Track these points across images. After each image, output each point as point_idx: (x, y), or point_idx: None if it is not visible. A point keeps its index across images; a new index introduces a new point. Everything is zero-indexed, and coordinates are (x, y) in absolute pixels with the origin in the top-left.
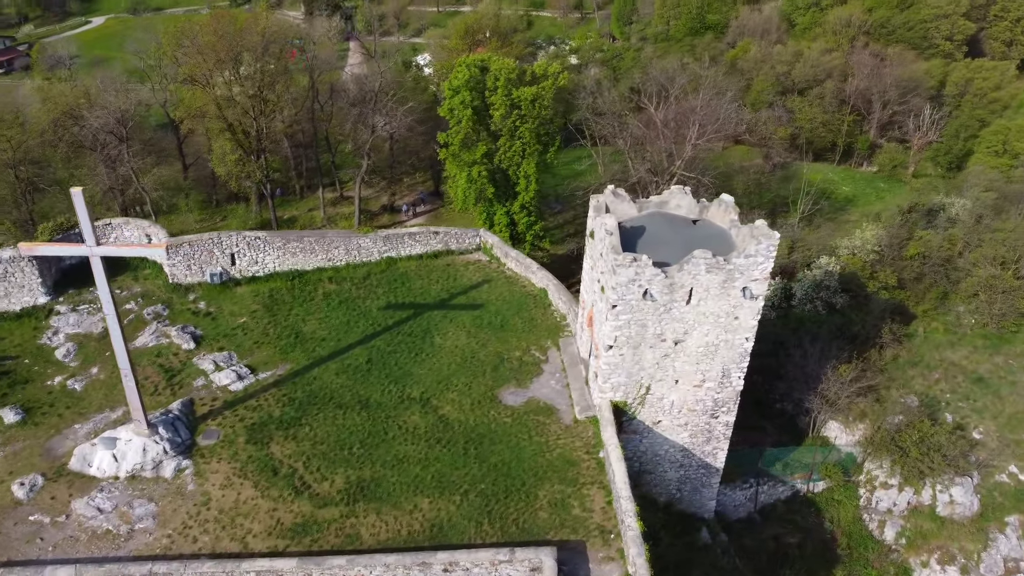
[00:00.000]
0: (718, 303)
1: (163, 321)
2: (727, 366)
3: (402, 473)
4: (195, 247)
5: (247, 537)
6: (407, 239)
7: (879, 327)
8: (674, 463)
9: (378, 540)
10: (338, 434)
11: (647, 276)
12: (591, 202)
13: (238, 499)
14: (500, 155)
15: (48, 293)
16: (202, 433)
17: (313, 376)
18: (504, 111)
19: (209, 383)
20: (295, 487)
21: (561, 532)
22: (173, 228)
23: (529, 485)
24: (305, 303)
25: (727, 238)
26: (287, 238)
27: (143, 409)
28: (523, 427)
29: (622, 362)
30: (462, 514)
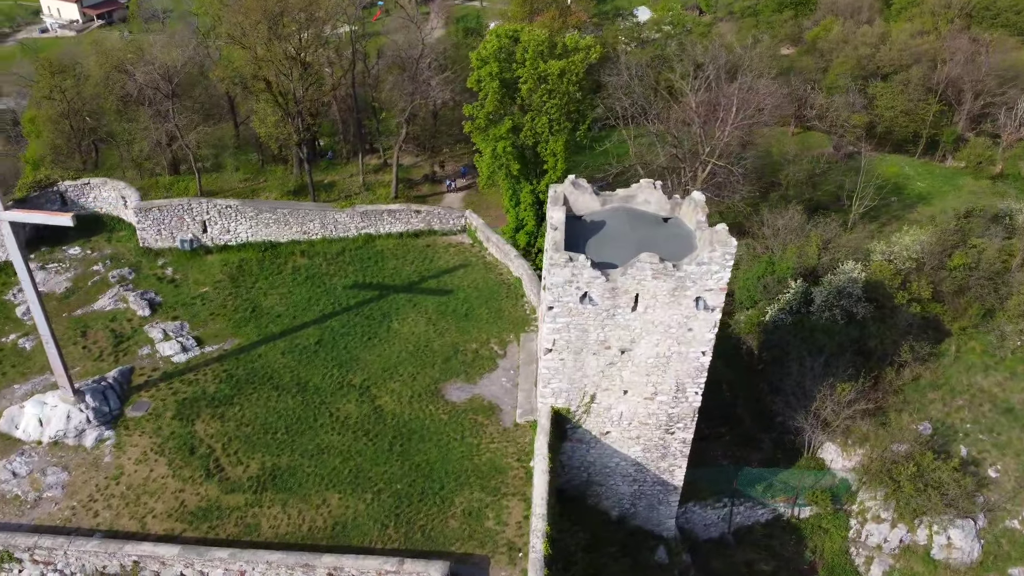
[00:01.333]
0: (668, 312)
1: (127, 285)
2: (681, 380)
3: (320, 464)
4: (165, 212)
5: (147, 517)
6: (386, 216)
7: (899, 343)
8: (626, 477)
9: (276, 534)
10: (266, 417)
11: (585, 278)
12: (550, 192)
13: (149, 476)
14: (526, 131)
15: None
16: (132, 404)
17: (259, 353)
18: (532, 84)
19: (154, 352)
20: (208, 469)
21: (468, 545)
22: (216, 186)
23: (448, 490)
24: (271, 276)
25: (693, 241)
26: (260, 208)
27: (68, 376)
28: (458, 426)
29: (563, 367)
30: (369, 514)
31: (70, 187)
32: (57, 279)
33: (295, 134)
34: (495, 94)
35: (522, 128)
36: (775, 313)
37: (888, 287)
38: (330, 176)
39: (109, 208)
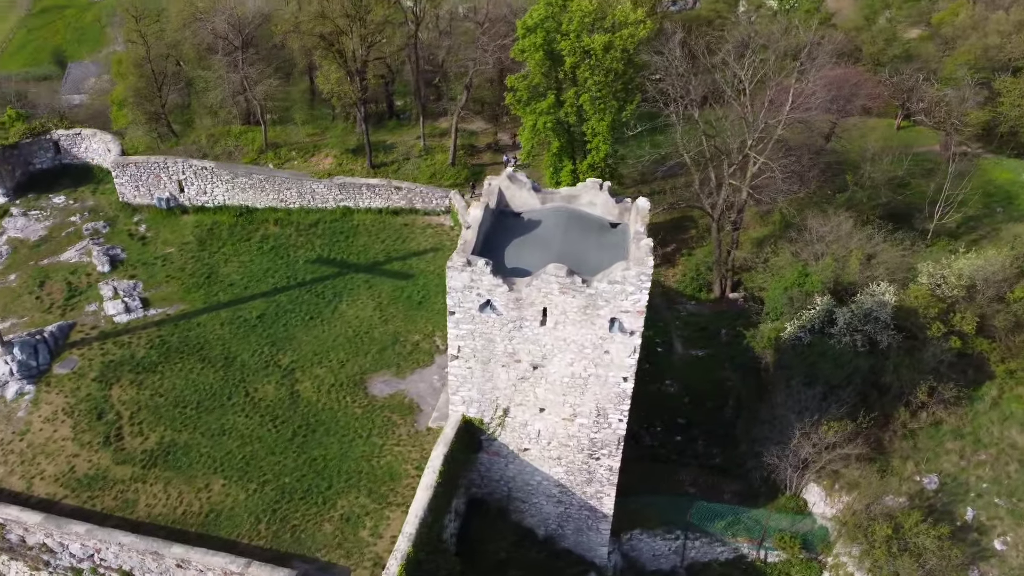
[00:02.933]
0: (581, 331)
1: (97, 239)
2: (602, 405)
3: (216, 446)
4: (141, 168)
5: (36, 478)
6: (365, 191)
7: (917, 381)
8: (551, 497)
9: (149, 513)
10: (183, 389)
11: (485, 285)
12: (484, 184)
13: (51, 437)
14: (567, 107)
15: (7, 195)
16: (62, 361)
17: (198, 322)
18: (576, 59)
19: (100, 310)
20: (107, 436)
21: (334, 553)
22: (281, 139)
23: (334, 491)
24: (238, 243)
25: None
26: (235, 172)
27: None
28: (369, 423)
29: (471, 376)
30: (247, 506)
31: (63, 136)
32: (35, 226)
33: (355, 92)
34: (539, 66)
35: (564, 104)
36: (794, 330)
37: (922, 315)
38: (394, 137)
39: (100, 160)
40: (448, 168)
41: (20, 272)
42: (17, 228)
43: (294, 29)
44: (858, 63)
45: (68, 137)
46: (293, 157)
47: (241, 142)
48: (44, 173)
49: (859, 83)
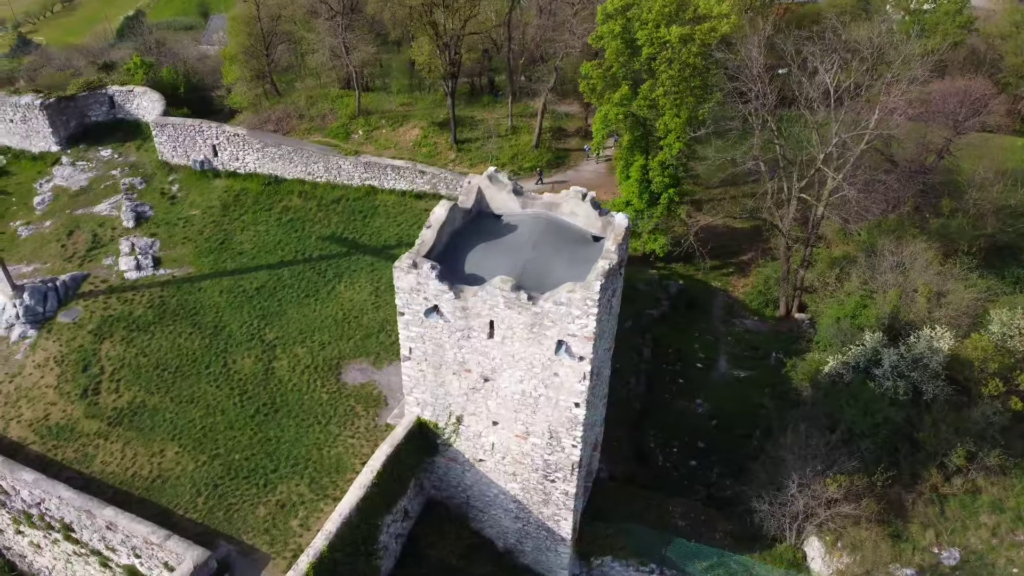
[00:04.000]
0: (528, 349)
1: (131, 194)
2: (554, 427)
3: (180, 413)
4: (179, 130)
5: (13, 420)
6: (390, 171)
7: (957, 442)
8: (508, 512)
9: (103, 471)
10: (167, 352)
11: (431, 290)
12: (464, 183)
13: (37, 383)
14: (640, 100)
15: (60, 143)
16: (67, 310)
17: (200, 287)
18: (653, 50)
19: (114, 264)
20: (85, 390)
21: (259, 539)
22: (373, 105)
23: (278, 475)
24: (259, 212)
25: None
26: (265, 142)
27: (5, 271)
28: (331, 411)
29: (423, 379)
30: (193, 477)
31: (117, 92)
32: (79, 176)
33: (443, 66)
34: (616, 55)
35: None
36: (836, 365)
37: (980, 369)
38: (485, 114)
39: (149, 117)
40: (531, 150)
41: (55, 219)
42: (63, 177)
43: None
44: (996, 74)
45: (122, 93)
46: (382, 125)
47: (336, 106)
48: (99, 126)
49: (983, 97)
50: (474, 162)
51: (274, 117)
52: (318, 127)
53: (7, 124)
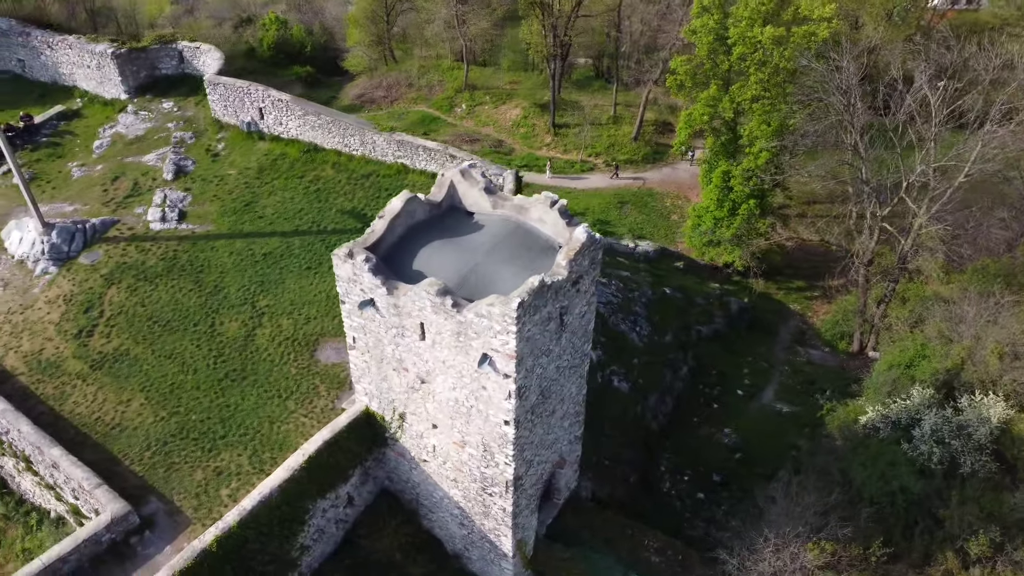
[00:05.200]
0: (458, 357)
1: (178, 147)
2: (487, 441)
3: (157, 366)
4: (229, 90)
5: (12, 351)
6: (422, 152)
7: (980, 528)
8: (454, 517)
9: (72, 411)
10: (163, 306)
11: (366, 283)
12: (439, 176)
13: (43, 318)
14: (726, 101)
15: (128, 92)
16: (90, 252)
17: (212, 246)
18: (745, 49)
19: (143, 214)
20: (81, 330)
21: (189, 502)
22: (480, 81)
23: (225, 442)
24: (290, 178)
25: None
26: (306, 110)
27: (36, 209)
28: (294, 386)
29: (367, 371)
30: (148, 431)
31: (186, 48)
32: (138, 125)
33: (548, 48)
34: (707, 51)
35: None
36: (875, 417)
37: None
38: (590, 100)
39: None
40: (629, 142)
41: (106, 164)
42: (124, 124)
43: None
44: None
45: (189, 49)
46: (485, 101)
47: (446, 78)
48: (167, 79)
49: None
50: (568, 148)
51: (385, 83)
52: (424, 97)
53: (85, 69)
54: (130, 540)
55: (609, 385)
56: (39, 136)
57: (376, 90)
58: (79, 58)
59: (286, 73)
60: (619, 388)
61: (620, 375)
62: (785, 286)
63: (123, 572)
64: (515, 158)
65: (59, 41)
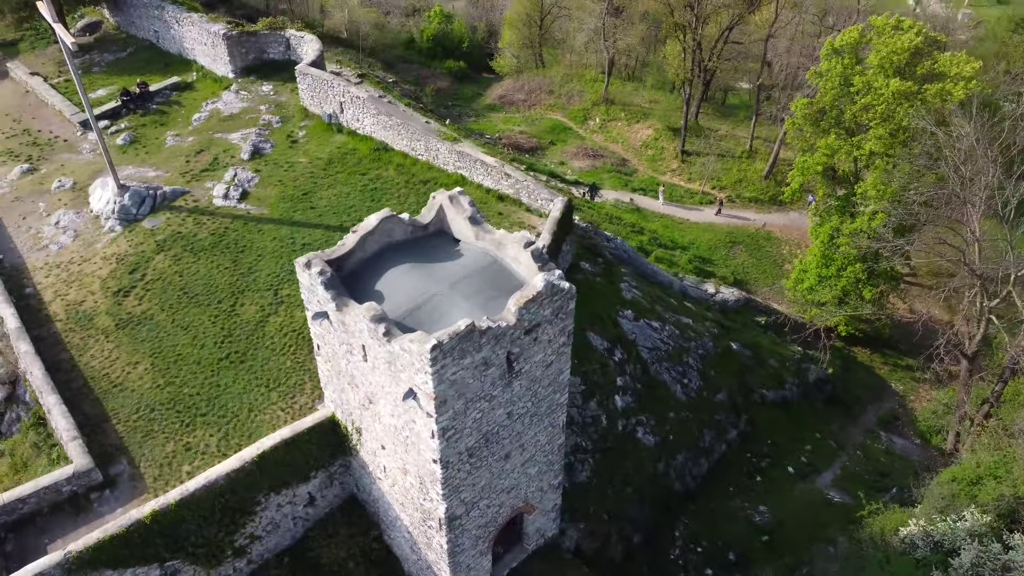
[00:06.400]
0: (392, 386)
1: (263, 130)
2: (421, 474)
3: (172, 336)
4: (315, 81)
5: (60, 298)
6: (479, 166)
7: None
8: (406, 540)
9: (87, 363)
10: (199, 279)
11: (320, 295)
12: (431, 197)
13: (95, 272)
14: (842, 153)
15: (235, 72)
16: (154, 217)
17: (260, 229)
18: (869, 100)
19: (211, 188)
20: (120, 290)
21: (151, 471)
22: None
23: (203, 420)
24: (352, 174)
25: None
26: (380, 109)
27: (113, 170)
28: (283, 379)
29: (330, 379)
30: (141, 396)
31: (292, 36)
32: (235, 104)
33: (684, 71)
34: (831, 96)
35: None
36: (917, 532)
37: None
38: (729, 128)
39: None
40: (759, 180)
41: (197, 137)
42: (224, 102)
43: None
44: None
45: (296, 37)
46: (620, 117)
47: (586, 88)
48: (273, 63)
49: None
50: (692, 177)
51: (527, 87)
52: (562, 105)
53: (203, 47)
54: (90, 495)
55: (631, 435)
56: (151, 103)
57: (517, 93)
58: (199, 35)
59: (439, 66)
60: (642, 440)
61: (648, 427)
62: (892, 361)
63: (75, 524)
64: (635, 180)
65: (184, 17)
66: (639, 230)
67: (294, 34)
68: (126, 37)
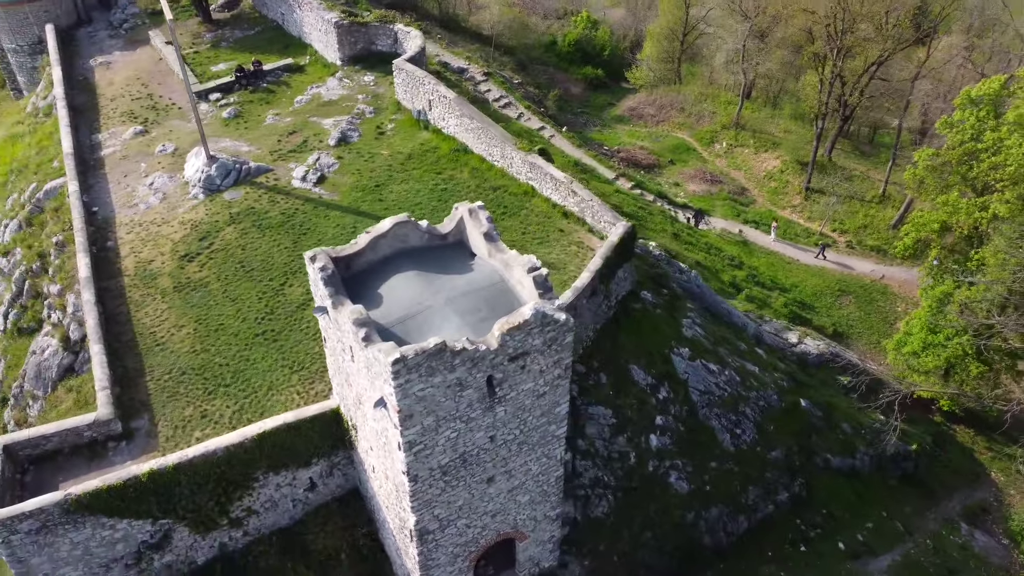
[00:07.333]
0: (371, 391)
1: (355, 119)
2: (396, 484)
3: (220, 306)
4: (409, 77)
5: (134, 254)
6: (548, 180)
7: None
8: (392, 543)
9: (139, 319)
10: (259, 254)
11: (320, 291)
12: (454, 208)
13: (169, 235)
14: (965, 212)
15: (342, 60)
16: (234, 190)
17: (327, 215)
18: (999, 159)
19: (293, 169)
20: (186, 254)
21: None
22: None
23: (225, 392)
24: (427, 173)
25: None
26: (463, 112)
27: (204, 143)
28: (308, 363)
29: (334, 373)
30: (178, 358)
31: (400, 30)
32: (336, 91)
33: (819, 104)
34: (960, 151)
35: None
36: None
37: None
38: (867, 168)
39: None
40: (885, 228)
41: (294, 118)
42: (327, 87)
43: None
44: None
45: (403, 32)
46: (748, 144)
47: (718, 110)
48: (380, 55)
49: None
50: (813, 216)
51: (659, 102)
52: (691, 125)
53: (317, 32)
54: (108, 444)
55: (662, 478)
56: (262, 81)
57: (648, 107)
58: (315, 21)
59: (576, 71)
60: (674, 485)
61: (683, 472)
62: (998, 448)
63: (88, 468)
64: (750, 211)
65: (305, 2)
66: (738, 264)
67: (401, 28)
68: (258, 16)
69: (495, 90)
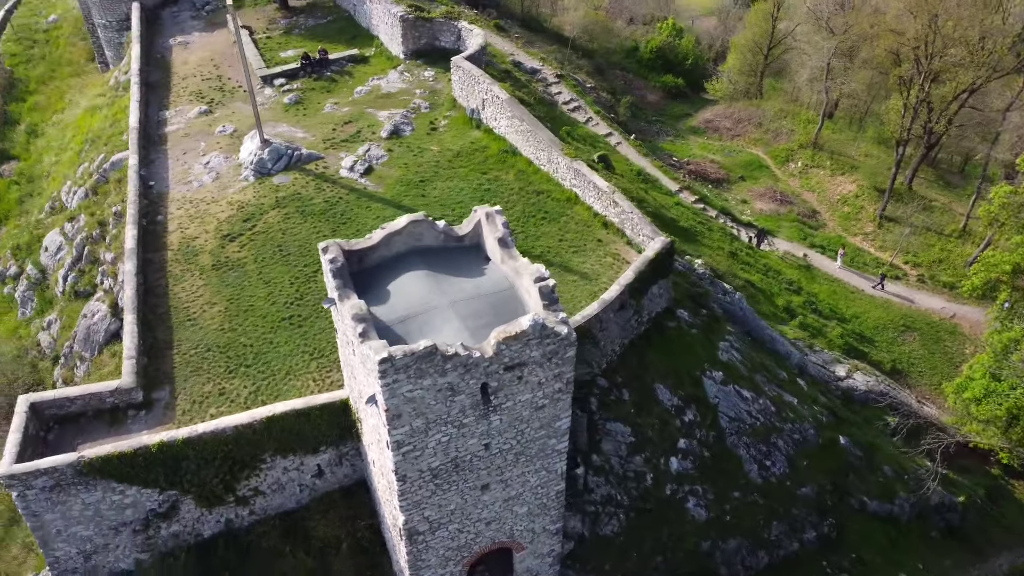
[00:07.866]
0: (366, 385)
1: (410, 113)
2: (389, 481)
3: (253, 287)
4: (465, 75)
5: (181, 230)
6: (591, 189)
7: None
8: (389, 539)
9: (175, 294)
10: (298, 239)
11: (330, 282)
12: (473, 210)
13: (216, 213)
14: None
15: (405, 54)
16: (284, 175)
17: (369, 206)
18: None
19: (343, 158)
20: (229, 234)
21: (184, 403)
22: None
23: (245, 372)
24: (472, 172)
25: None
26: (514, 113)
27: (259, 127)
28: (328, 351)
29: (344, 364)
30: (205, 335)
31: (464, 27)
32: (396, 84)
33: (902, 128)
34: None
35: None
36: None
37: None
38: (949, 199)
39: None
40: (962, 264)
41: (351, 108)
42: (388, 80)
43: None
44: None
45: (466, 29)
46: (825, 166)
47: (797, 128)
48: (443, 50)
49: None
50: (885, 246)
51: (736, 115)
52: (766, 141)
53: (384, 25)
54: (128, 411)
55: (680, 503)
56: (326, 70)
57: (725, 120)
58: (382, 14)
59: (656, 79)
60: (691, 512)
61: (702, 500)
62: None
63: (107, 433)
64: (818, 235)
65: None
66: (796, 289)
67: (465, 26)
68: (332, 5)
69: (566, 93)
